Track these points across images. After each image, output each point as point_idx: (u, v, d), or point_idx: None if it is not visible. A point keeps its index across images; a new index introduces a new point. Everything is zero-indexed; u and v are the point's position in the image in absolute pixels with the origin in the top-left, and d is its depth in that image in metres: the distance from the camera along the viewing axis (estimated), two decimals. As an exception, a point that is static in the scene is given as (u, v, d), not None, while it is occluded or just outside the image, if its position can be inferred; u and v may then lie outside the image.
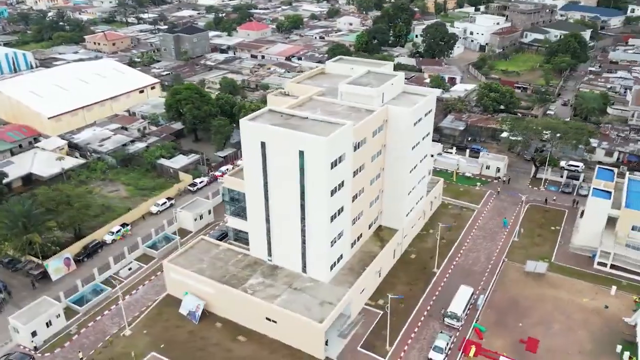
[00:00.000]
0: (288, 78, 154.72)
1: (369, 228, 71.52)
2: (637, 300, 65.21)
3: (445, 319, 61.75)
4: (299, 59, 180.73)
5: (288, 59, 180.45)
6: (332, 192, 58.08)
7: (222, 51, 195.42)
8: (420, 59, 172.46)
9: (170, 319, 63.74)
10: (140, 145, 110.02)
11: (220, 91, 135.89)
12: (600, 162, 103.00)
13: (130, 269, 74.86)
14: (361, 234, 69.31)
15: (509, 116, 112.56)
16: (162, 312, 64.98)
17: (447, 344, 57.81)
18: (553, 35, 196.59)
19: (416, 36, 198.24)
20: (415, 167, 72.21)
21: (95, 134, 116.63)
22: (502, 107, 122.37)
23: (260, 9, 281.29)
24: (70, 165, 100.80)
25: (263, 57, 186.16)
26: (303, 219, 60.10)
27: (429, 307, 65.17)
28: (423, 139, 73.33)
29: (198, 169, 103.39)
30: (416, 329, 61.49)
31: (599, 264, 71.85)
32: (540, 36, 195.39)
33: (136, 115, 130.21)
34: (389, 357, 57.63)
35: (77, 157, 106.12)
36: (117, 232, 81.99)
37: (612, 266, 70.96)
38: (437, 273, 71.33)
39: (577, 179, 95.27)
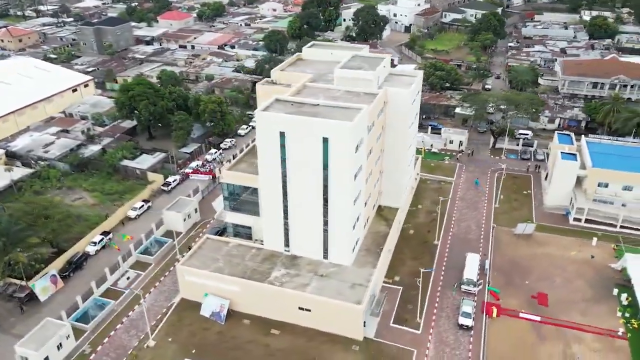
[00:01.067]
0: (228, 67, 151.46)
1: (373, 209, 73.31)
2: (615, 247, 73.40)
3: (462, 286, 65.50)
4: (232, 47, 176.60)
5: (221, 47, 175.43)
6: (355, 177, 58.95)
7: (147, 43, 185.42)
8: (355, 42, 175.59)
9: (194, 323, 61.45)
10: (94, 148, 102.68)
11: (160, 85, 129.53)
12: (544, 129, 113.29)
13: (128, 278, 70.62)
14: (369, 216, 70.93)
15: (467, 92, 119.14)
16: (182, 317, 62.38)
17: (473, 308, 61.55)
18: (469, 15, 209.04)
19: (344, 20, 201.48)
20: (410, 146, 74.87)
21: (35, 139, 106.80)
22: (447, 84, 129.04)
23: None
24: (19, 176, 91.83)
25: (193, 47, 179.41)
26: (325, 205, 60.42)
27: (441, 277, 68.64)
28: (415, 117, 76.08)
29: (165, 168, 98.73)
30: (437, 299, 64.64)
31: (575, 219, 79.62)
32: (459, 16, 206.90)
33: (74, 116, 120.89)
34: (422, 329, 60.24)
35: (18, 167, 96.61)
36: (99, 241, 76.60)
37: (586, 220, 78.95)
38: (438, 245, 75.03)
39: (532, 146, 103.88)
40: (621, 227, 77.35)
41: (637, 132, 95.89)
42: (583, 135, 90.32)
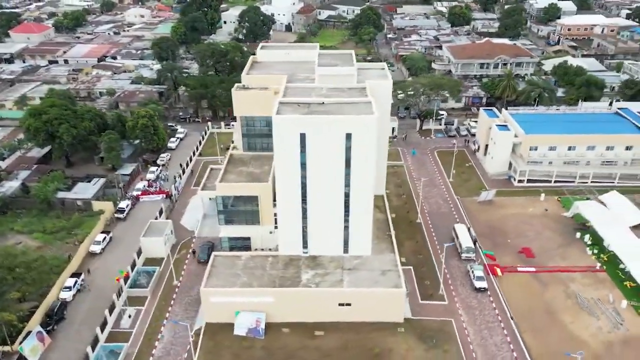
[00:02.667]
0: (124, 79, 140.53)
1: (364, 199, 75.99)
2: (559, 199, 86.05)
3: (463, 255, 71.70)
4: (114, 58, 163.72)
5: (101, 60, 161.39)
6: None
7: (8, 61, 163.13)
8: (247, 44, 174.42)
9: (232, 344, 58.41)
10: (12, 184, 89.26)
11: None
12: (452, 108, 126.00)
13: (129, 316, 63.93)
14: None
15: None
16: (218, 342, 58.84)
17: (483, 272, 68.00)
18: (341, 11, 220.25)
19: (224, 22, 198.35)
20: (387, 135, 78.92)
21: None
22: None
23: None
24: None
25: (66, 61, 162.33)
26: (347, 201, 61.64)
27: (438, 250, 74.15)
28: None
29: (107, 195, 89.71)
30: (446, 271, 69.90)
31: (519, 181, 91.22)
32: (333, 12, 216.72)
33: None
34: (448, 299, 64.98)
35: None
36: (73, 285, 67.73)
37: (528, 181, 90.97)
38: (421, 223, 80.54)
39: (452, 124, 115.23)
40: (555, 182, 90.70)
41: (539, 101, 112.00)
42: (504, 109, 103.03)
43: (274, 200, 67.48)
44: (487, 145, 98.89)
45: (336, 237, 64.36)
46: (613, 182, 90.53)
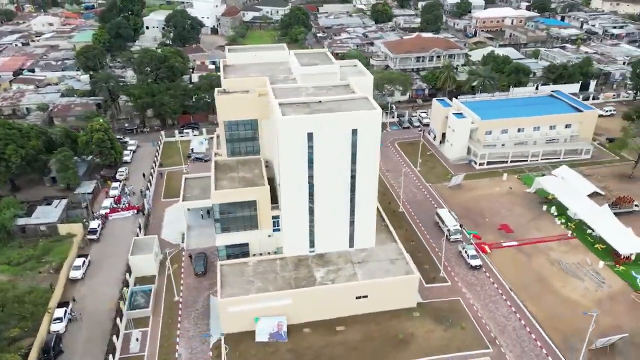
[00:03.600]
0: (52, 93, 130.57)
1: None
2: (519, 177, 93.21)
3: (452, 237, 75.63)
4: (32, 70, 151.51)
5: (17, 73, 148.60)
6: (376, 161, 62.88)
7: None
8: (179, 49, 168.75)
9: (257, 352, 57.41)
10: (-42, 214, 79.96)
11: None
12: (399, 101, 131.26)
13: (137, 339, 60.41)
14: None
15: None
16: (242, 352, 57.49)
17: (475, 250, 72.26)
18: (265, 11, 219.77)
19: (147, 27, 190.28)
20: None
21: None
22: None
23: None
24: None
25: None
26: (352, 196, 62.78)
27: (427, 235, 77.62)
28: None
29: (71, 216, 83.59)
30: (440, 253, 73.34)
31: (480, 164, 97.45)
32: (257, 13, 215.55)
33: None
34: (449, 280, 68.37)
35: None
36: (64, 315, 62.69)
37: (487, 163, 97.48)
38: (404, 212, 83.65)
39: (404, 116, 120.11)
40: (511, 162, 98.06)
41: (482, 89, 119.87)
42: (455, 98, 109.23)
43: (272, 202, 67.31)
44: (443, 134, 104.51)
45: (342, 233, 65.33)
46: (559, 158, 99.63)
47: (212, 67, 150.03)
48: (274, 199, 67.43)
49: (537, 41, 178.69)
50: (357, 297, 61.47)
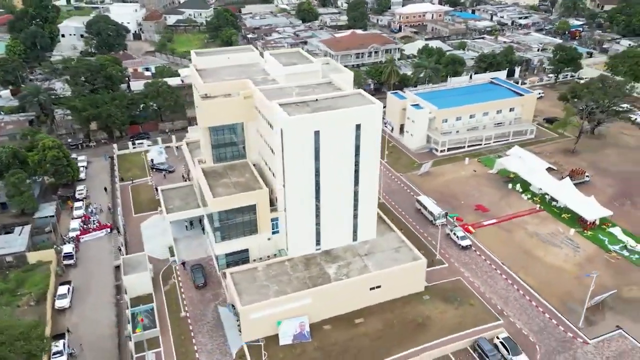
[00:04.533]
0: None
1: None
2: (479, 160, 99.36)
3: (437, 221, 79.20)
4: None
5: None
6: (375, 154, 64.43)
7: None
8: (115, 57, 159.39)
9: (285, 356, 56.86)
10: None
11: None
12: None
13: (153, 362, 57.39)
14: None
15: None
16: (271, 358, 56.53)
17: (462, 231, 76.31)
18: (188, 14, 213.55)
19: (62, 35, 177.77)
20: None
21: None
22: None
23: None
24: None
25: None
26: (357, 189, 63.92)
27: (412, 222, 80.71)
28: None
29: (36, 242, 77.02)
30: (429, 238, 76.60)
31: (441, 151, 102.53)
32: (181, 16, 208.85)
33: None
34: (446, 262, 71.72)
35: None
36: (64, 347, 58.00)
37: (448, 149, 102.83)
38: (384, 202, 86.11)
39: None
40: (468, 147, 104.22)
41: (428, 80, 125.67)
42: (407, 90, 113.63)
43: (271, 205, 66.72)
44: (401, 125, 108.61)
45: (346, 227, 66.29)
46: (508, 139, 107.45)
47: (148, 73, 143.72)
48: (270, 201, 66.83)
49: (458, 33, 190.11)
50: (371, 288, 62.78)
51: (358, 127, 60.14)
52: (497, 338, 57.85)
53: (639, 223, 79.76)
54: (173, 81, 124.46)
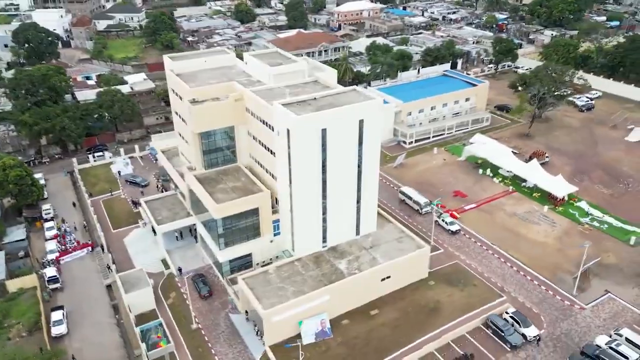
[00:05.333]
0: None
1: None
2: (446, 149, 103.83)
3: (423, 209, 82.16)
4: None
5: None
6: (374, 147, 65.83)
7: None
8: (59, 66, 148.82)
9: (312, 355, 56.87)
10: None
11: None
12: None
13: (175, 378, 55.28)
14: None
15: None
16: (294, 358, 56.35)
17: (449, 218, 79.67)
18: (119, 19, 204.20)
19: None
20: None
21: None
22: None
23: None
24: None
25: None
26: (359, 185, 65.03)
27: (401, 213, 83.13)
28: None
29: (12, 269, 71.36)
30: (419, 226, 79.32)
31: (409, 143, 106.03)
32: (111, 21, 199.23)
33: None
34: (440, 247, 74.66)
35: None
36: (74, 377, 54.77)
37: (415, 141, 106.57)
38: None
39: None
40: (433, 137, 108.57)
41: (385, 76, 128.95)
42: (368, 86, 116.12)
43: (272, 207, 66.35)
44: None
45: (350, 222, 67.21)
46: (468, 128, 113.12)
47: (92, 82, 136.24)
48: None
49: (396, 29, 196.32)
50: (382, 279, 64.19)
51: (361, 122, 61.23)
52: (507, 313, 61.36)
53: (599, 196, 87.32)
54: (123, 89, 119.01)
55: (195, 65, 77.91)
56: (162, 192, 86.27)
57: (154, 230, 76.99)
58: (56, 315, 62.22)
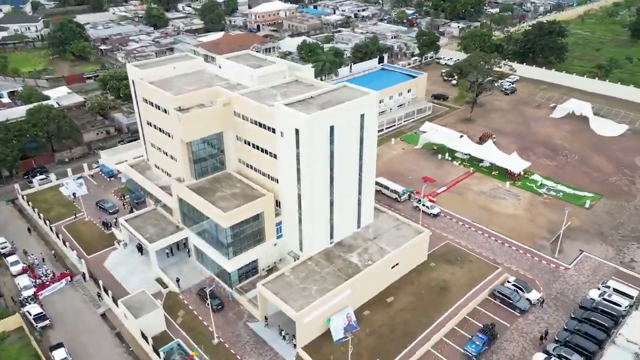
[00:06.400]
0: None
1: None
2: (402, 139, 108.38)
3: (402, 197, 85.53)
4: None
5: None
6: (370, 138, 67.56)
7: None
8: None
9: (347, 349, 57.28)
10: None
11: None
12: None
13: (214, 396, 52.96)
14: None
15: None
16: (335, 356, 56.48)
17: (428, 201, 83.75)
18: (14, 30, 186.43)
19: None
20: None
21: None
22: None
23: None
24: None
25: None
26: (360, 178, 66.39)
27: (381, 202, 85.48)
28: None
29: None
30: (402, 213, 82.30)
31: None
32: (6, 33, 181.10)
33: None
34: (425, 228, 78.32)
35: None
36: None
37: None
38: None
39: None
40: (386, 128, 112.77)
41: (329, 72, 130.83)
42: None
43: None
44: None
45: (353, 216, 68.39)
46: (414, 117, 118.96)
47: (5, 100, 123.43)
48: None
49: (315, 28, 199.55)
50: (392, 267, 66.22)
51: (362, 116, 62.64)
52: (508, 282, 66.37)
53: (547, 168, 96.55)
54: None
55: (164, 72, 74.50)
56: (131, 211, 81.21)
57: (139, 250, 72.61)
58: (59, 354, 56.51)
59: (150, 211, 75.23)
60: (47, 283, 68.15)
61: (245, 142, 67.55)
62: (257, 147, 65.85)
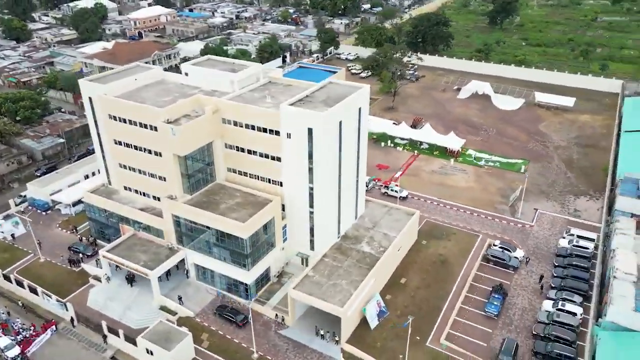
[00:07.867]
0: None
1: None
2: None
3: (369, 186, 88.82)
4: None
5: None
6: (361, 129, 69.61)
7: None
8: None
9: (387, 335, 59.24)
10: None
11: None
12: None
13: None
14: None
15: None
16: (382, 342, 57.85)
17: (396, 186, 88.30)
18: None
19: None
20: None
21: None
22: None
23: None
24: None
25: None
26: (358, 171, 68.17)
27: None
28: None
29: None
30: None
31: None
32: None
33: None
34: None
35: None
36: None
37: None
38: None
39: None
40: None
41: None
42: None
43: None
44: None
45: (351, 209, 69.95)
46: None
47: None
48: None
49: (202, 32, 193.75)
50: (397, 250, 69.30)
51: (360, 110, 64.46)
52: (495, 245, 73.53)
53: (476, 143, 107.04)
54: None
55: (127, 85, 68.47)
56: (95, 246, 73.37)
57: (129, 282, 66.13)
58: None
59: (131, 237, 68.74)
60: (32, 337, 59.03)
61: (237, 149, 65.19)
62: (254, 153, 64.05)
